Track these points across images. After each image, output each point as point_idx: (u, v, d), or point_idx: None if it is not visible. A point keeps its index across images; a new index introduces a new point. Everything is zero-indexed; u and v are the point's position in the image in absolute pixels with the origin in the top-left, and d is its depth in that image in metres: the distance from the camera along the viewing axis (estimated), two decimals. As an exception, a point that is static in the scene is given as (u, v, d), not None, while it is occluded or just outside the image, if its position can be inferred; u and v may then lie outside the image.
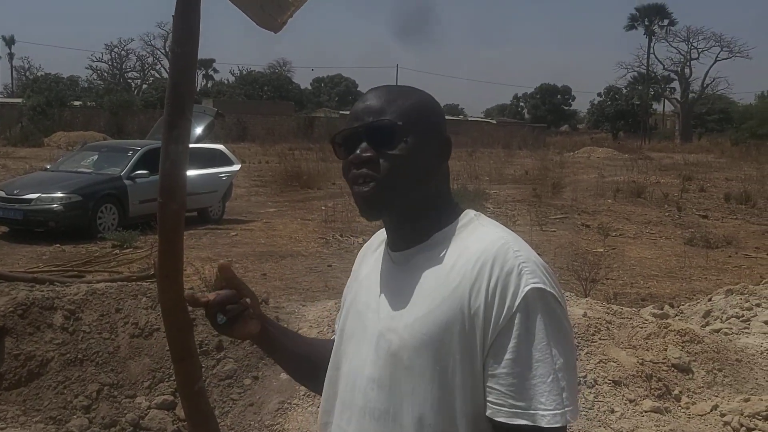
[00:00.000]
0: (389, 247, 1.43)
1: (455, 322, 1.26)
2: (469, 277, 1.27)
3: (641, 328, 5.58)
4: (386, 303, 1.36)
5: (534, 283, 1.24)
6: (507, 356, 1.23)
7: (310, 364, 1.59)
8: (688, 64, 67.17)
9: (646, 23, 66.80)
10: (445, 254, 1.33)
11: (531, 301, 1.23)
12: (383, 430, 1.32)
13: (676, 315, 6.75)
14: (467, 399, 1.26)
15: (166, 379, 4.97)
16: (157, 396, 4.88)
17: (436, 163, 1.39)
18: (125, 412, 4.77)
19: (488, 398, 1.25)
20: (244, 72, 73.64)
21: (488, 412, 1.25)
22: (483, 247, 1.29)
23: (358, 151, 1.34)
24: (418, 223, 1.38)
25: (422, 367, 1.27)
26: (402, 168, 1.33)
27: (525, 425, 1.21)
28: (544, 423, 1.21)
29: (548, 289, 1.25)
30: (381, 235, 1.53)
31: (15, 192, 12.40)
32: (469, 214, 1.39)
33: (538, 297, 1.24)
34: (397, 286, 1.36)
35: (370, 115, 1.35)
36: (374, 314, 1.38)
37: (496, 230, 1.34)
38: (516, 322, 1.23)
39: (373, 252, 1.53)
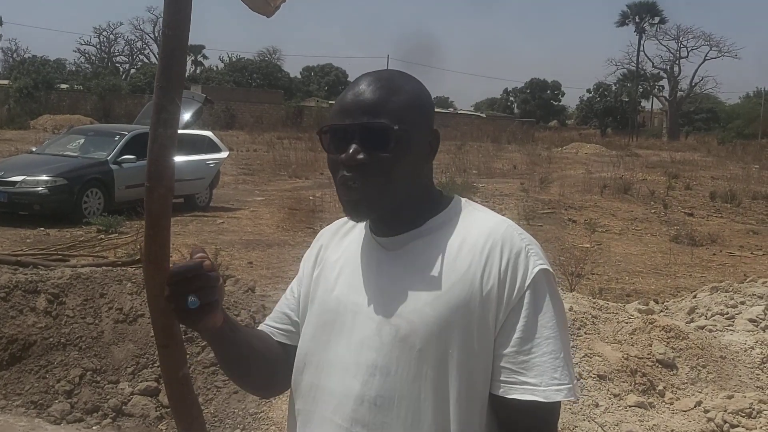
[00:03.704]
0: (374, 233, 1.40)
1: (468, 304, 1.27)
2: (478, 261, 1.29)
3: (627, 323, 5.61)
4: (385, 288, 1.33)
5: (541, 264, 1.30)
6: (517, 335, 1.26)
7: (267, 362, 1.44)
8: (677, 62, 67.38)
9: (637, 20, 66.79)
10: (446, 240, 1.33)
11: (539, 281, 1.28)
12: (388, 416, 1.28)
13: (661, 311, 6.78)
14: (483, 379, 1.27)
15: (150, 366, 4.94)
16: (141, 382, 4.85)
17: (428, 159, 1.39)
18: (108, 397, 4.75)
19: (500, 377, 1.26)
20: (234, 59, 73.22)
21: (500, 391, 1.26)
22: (488, 232, 1.32)
23: (350, 152, 1.29)
24: (407, 212, 1.36)
25: (437, 351, 1.27)
26: (395, 170, 1.30)
27: (536, 401, 1.23)
28: (555, 397, 1.24)
29: (551, 270, 1.31)
30: (342, 221, 1.50)
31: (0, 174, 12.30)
32: (460, 201, 1.41)
33: (544, 278, 1.29)
34: (395, 271, 1.34)
35: (364, 114, 1.29)
36: (370, 300, 1.34)
37: (494, 216, 1.37)
38: (525, 301, 1.26)
39: (342, 237, 1.48)
